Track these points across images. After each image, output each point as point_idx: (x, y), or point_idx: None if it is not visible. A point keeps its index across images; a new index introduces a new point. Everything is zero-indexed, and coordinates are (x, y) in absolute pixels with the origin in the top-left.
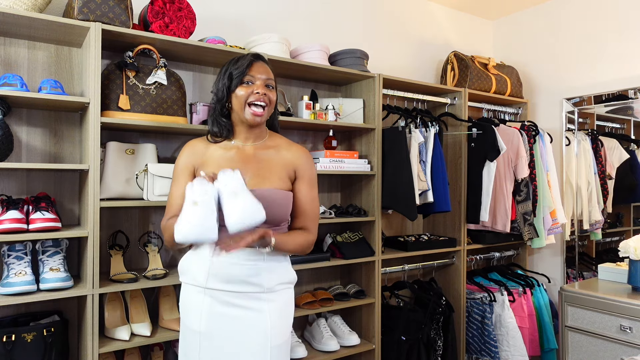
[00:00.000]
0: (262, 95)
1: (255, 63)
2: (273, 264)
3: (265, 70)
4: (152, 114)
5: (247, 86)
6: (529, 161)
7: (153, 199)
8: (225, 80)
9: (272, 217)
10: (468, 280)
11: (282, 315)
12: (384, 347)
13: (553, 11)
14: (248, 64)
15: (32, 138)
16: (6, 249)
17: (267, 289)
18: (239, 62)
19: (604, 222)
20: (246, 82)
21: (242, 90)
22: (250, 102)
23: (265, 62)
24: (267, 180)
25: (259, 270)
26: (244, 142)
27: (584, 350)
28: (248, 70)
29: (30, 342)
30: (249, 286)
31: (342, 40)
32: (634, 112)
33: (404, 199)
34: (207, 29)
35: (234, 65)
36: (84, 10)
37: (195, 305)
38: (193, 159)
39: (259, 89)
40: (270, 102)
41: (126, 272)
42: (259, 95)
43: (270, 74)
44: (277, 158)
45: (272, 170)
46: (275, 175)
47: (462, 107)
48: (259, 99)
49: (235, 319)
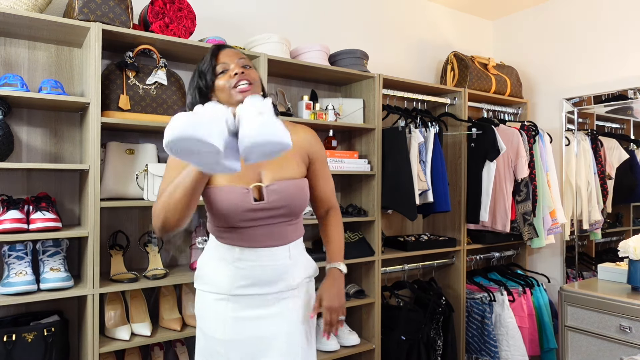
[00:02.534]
0: (241, 74)
1: (221, 51)
2: (297, 258)
3: (235, 53)
4: (152, 114)
5: (224, 74)
6: (529, 161)
7: (153, 199)
8: (196, 82)
9: (293, 209)
10: (468, 280)
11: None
12: (384, 347)
13: (553, 11)
14: (212, 54)
15: (33, 138)
16: (6, 249)
17: (293, 286)
18: (203, 59)
19: (604, 222)
20: (221, 72)
21: (220, 80)
22: (232, 85)
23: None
24: (285, 169)
25: (285, 268)
26: None
27: (583, 350)
28: (216, 59)
29: (30, 342)
30: (276, 286)
31: (342, 40)
32: (633, 112)
33: (404, 199)
34: (207, 29)
35: (201, 65)
36: (84, 10)
37: (218, 313)
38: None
39: (236, 68)
40: (254, 80)
41: (126, 272)
42: (238, 76)
43: (241, 55)
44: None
45: (286, 157)
46: (293, 163)
47: (462, 107)
48: (240, 79)
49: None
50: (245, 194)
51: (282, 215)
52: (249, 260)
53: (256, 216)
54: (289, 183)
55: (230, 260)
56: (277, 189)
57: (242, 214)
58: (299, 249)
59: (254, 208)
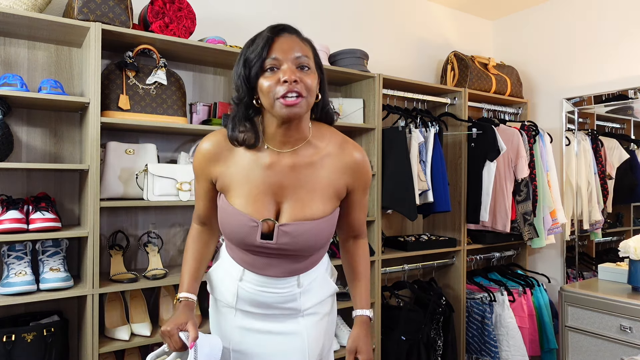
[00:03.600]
0: (292, 83)
1: (277, 39)
2: (309, 286)
3: (293, 44)
4: (152, 114)
5: (272, 74)
6: (529, 161)
7: (153, 199)
8: (240, 70)
9: (304, 251)
10: (468, 280)
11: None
12: (384, 347)
13: (553, 11)
14: (266, 42)
15: (32, 138)
16: (6, 249)
17: (303, 310)
18: (255, 43)
19: (604, 222)
20: (269, 69)
21: (266, 80)
22: (278, 96)
23: (292, 33)
24: (310, 206)
25: (292, 297)
26: (280, 147)
27: (584, 350)
28: (268, 51)
29: (30, 342)
30: (282, 310)
31: (342, 40)
32: (634, 112)
33: (404, 199)
34: (207, 29)
35: (250, 48)
36: (84, 10)
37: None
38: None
39: (287, 74)
40: (308, 90)
41: (126, 272)
42: (287, 85)
43: (301, 49)
44: (324, 171)
45: (316, 190)
46: (321, 198)
47: (462, 107)
48: (289, 90)
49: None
50: (252, 228)
51: (293, 256)
52: (252, 283)
53: (261, 250)
54: (308, 226)
55: (236, 277)
56: (291, 231)
57: (246, 246)
58: (312, 276)
59: (260, 246)
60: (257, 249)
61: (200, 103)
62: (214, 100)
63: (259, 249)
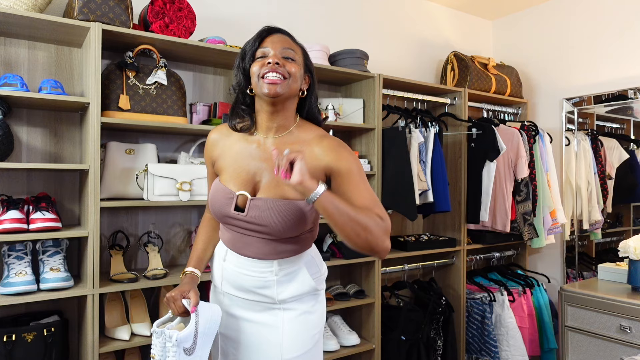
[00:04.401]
0: (274, 64)
1: (269, 35)
2: (285, 277)
3: (281, 39)
4: (152, 114)
5: (261, 60)
6: (529, 161)
7: (153, 199)
8: (238, 62)
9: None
10: (468, 280)
11: (300, 326)
12: (384, 347)
13: (553, 11)
14: (259, 36)
15: (32, 138)
16: (6, 249)
17: (279, 301)
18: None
19: (604, 222)
20: (260, 57)
21: (256, 65)
22: (261, 74)
23: (282, 33)
24: (282, 187)
25: (267, 283)
26: (265, 134)
27: (583, 350)
28: (260, 43)
29: (30, 342)
30: (259, 296)
31: (342, 40)
32: (633, 112)
33: (404, 199)
34: (207, 29)
35: (247, 44)
36: (84, 10)
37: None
38: (212, 148)
39: (271, 58)
40: (290, 75)
41: (126, 272)
42: (271, 66)
43: (288, 43)
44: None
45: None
46: None
47: (462, 107)
48: (271, 69)
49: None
50: (229, 199)
51: (262, 233)
52: (233, 264)
53: (236, 224)
54: (278, 203)
55: (221, 257)
56: (260, 205)
57: (223, 217)
58: (292, 267)
59: (232, 217)
60: (233, 222)
61: (200, 103)
62: (214, 100)
63: (234, 222)
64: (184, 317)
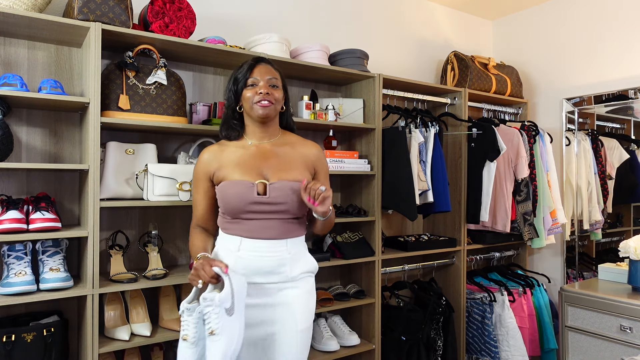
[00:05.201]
0: (265, 94)
1: (257, 65)
2: (296, 255)
3: (268, 70)
4: (152, 114)
5: (252, 88)
6: (529, 161)
7: (153, 199)
8: (231, 86)
9: (293, 208)
10: (468, 280)
11: (307, 301)
12: (384, 347)
13: (553, 11)
14: (249, 67)
15: (32, 138)
16: (6, 249)
17: (290, 278)
18: (242, 67)
19: (604, 222)
20: (251, 85)
21: (249, 92)
22: (255, 101)
23: (268, 63)
24: (290, 173)
25: (282, 260)
26: (260, 140)
27: (584, 350)
28: (250, 73)
29: (30, 342)
30: (274, 276)
31: (342, 40)
32: (634, 112)
33: (404, 199)
34: (207, 29)
35: (238, 71)
36: (84, 10)
37: None
38: (208, 164)
39: (262, 89)
40: (276, 100)
41: (126, 272)
42: (262, 95)
43: (273, 73)
44: (295, 153)
45: (292, 164)
46: (297, 169)
47: (462, 107)
48: (263, 98)
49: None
50: (250, 187)
51: (282, 212)
52: (249, 250)
53: (258, 209)
54: (291, 184)
55: (234, 249)
56: (279, 186)
57: (246, 205)
58: (298, 247)
59: (256, 201)
60: (254, 208)
61: (200, 103)
62: (214, 100)
63: (255, 208)
64: (213, 284)
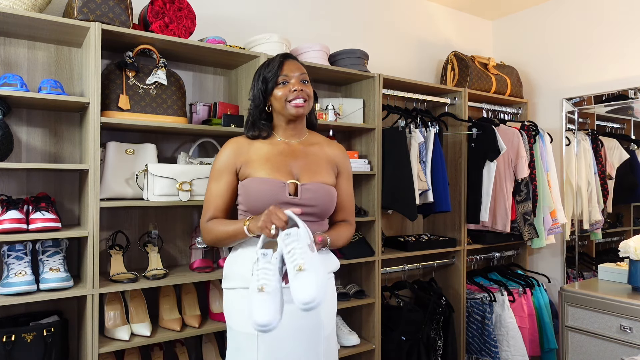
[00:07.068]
0: (300, 91)
1: (286, 62)
2: (322, 255)
3: (297, 67)
4: (152, 114)
5: (284, 86)
6: (529, 161)
7: (153, 199)
8: (260, 85)
9: (322, 211)
10: (468, 280)
11: (330, 304)
12: (384, 347)
13: (553, 11)
14: (279, 64)
15: (32, 138)
16: (6, 249)
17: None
18: (270, 65)
19: (604, 222)
20: (282, 83)
21: (280, 90)
22: (289, 99)
23: (295, 59)
24: (318, 174)
25: None
26: (289, 139)
27: (584, 350)
28: (280, 70)
29: (30, 342)
30: None
31: (342, 40)
32: (634, 112)
33: (404, 199)
34: (207, 29)
35: (266, 69)
36: (83, 10)
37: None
38: (235, 157)
39: (295, 86)
40: (309, 96)
41: (126, 272)
42: (297, 93)
43: (302, 70)
44: (322, 154)
45: (320, 165)
46: (324, 170)
47: (462, 107)
48: (297, 96)
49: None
50: (282, 187)
51: (311, 214)
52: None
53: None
54: (322, 186)
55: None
56: (311, 188)
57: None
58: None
59: (287, 202)
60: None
61: (200, 103)
62: (214, 100)
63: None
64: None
